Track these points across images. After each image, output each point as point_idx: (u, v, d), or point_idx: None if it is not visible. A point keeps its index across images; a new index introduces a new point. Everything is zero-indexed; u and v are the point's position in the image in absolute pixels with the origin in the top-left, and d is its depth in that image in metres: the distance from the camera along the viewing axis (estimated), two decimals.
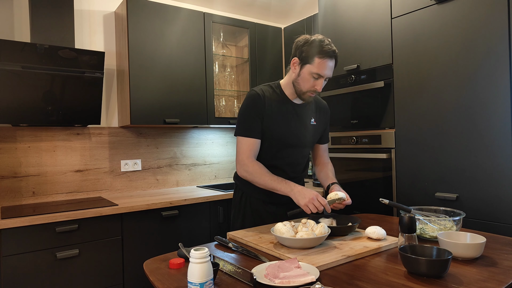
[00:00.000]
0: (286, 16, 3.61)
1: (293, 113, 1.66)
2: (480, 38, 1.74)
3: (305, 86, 1.57)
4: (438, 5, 1.91)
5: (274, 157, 1.66)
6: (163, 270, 1.13)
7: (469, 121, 1.78)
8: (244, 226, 1.69)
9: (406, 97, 2.06)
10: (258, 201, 1.71)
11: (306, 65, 1.53)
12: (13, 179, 2.43)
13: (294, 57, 1.59)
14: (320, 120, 1.78)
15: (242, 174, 1.61)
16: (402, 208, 1.40)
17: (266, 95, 1.63)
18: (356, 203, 2.36)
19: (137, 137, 2.93)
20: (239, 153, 1.61)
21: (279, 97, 1.65)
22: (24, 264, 1.94)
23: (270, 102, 1.62)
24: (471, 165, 1.79)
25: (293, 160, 1.70)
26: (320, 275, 1.05)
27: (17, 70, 2.15)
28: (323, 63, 1.51)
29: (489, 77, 1.71)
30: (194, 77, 2.86)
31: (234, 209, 1.79)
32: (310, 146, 1.77)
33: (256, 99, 1.61)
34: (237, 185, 1.79)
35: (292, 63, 1.60)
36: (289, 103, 1.66)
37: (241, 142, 1.62)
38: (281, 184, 1.51)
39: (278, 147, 1.65)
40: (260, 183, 1.56)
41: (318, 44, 1.51)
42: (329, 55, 1.50)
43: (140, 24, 2.60)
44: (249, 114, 1.61)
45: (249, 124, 1.60)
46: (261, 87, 1.67)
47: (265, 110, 1.60)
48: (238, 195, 1.77)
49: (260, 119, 1.60)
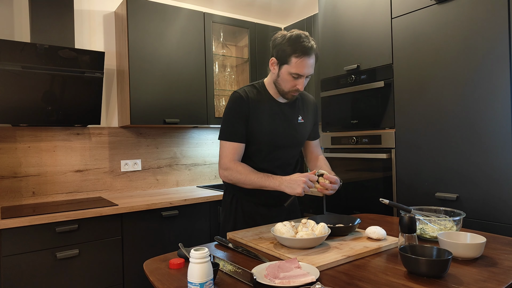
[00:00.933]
0: (286, 16, 3.61)
1: (279, 112, 1.61)
2: (480, 38, 1.74)
3: (286, 87, 1.53)
4: (438, 5, 1.91)
5: (264, 160, 1.61)
6: (163, 270, 1.13)
7: (469, 121, 1.78)
8: (236, 228, 1.64)
9: (406, 97, 2.06)
10: (249, 203, 1.67)
11: (284, 65, 1.48)
12: (13, 179, 2.43)
13: (272, 57, 1.53)
14: (308, 117, 1.72)
15: (226, 178, 1.56)
16: (402, 208, 1.40)
17: (250, 96, 1.57)
18: (356, 203, 2.36)
19: (137, 137, 2.93)
20: (222, 157, 1.56)
21: (264, 97, 1.60)
22: (24, 264, 1.94)
23: (255, 103, 1.56)
24: (471, 165, 1.79)
25: (283, 161, 1.66)
26: (320, 275, 1.05)
27: (17, 70, 2.15)
28: (301, 62, 1.44)
29: (489, 77, 1.71)
30: (194, 77, 2.86)
31: (225, 211, 1.72)
32: (300, 145, 1.72)
33: (239, 102, 1.55)
34: (227, 187, 1.73)
35: (270, 63, 1.55)
36: (274, 103, 1.61)
37: (224, 146, 1.56)
38: (269, 180, 1.46)
39: (267, 149, 1.60)
40: (246, 183, 1.51)
41: (294, 42, 1.44)
42: (305, 53, 1.44)
43: (140, 24, 2.60)
44: (232, 117, 1.55)
45: (233, 127, 1.55)
46: (245, 88, 1.61)
47: (250, 112, 1.55)
48: (229, 197, 1.71)
49: (244, 122, 1.55)
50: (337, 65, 2.46)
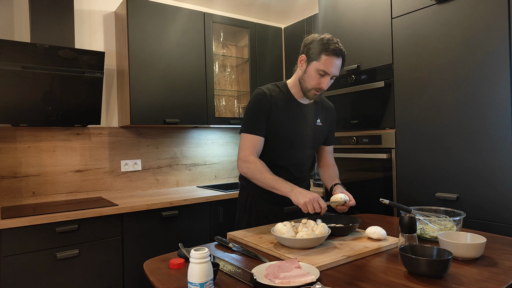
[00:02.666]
0: (286, 16, 3.61)
1: (299, 112, 1.66)
2: (480, 38, 1.74)
3: (310, 83, 1.58)
4: (438, 5, 1.91)
5: (279, 157, 1.65)
6: (163, 270, 1.13)
7: (469, 121, 1.78)
8: (249, 227, 1.67)
9: (406, 97, 2.06)
10: (264, 202, 1.70)
11: (313, 62, 1.55)
12: (13, 179, 2.43)
13: (302, 55, 1.60)
14: (326, 121, 1.78)
15: (242, 170, 1.60)
16: (402, 208, 1.40)
17: (272, 94, 1.63)
18: (356, 203, 2.35)
19: (137, 137, 2.93)
20: (242, 149, 1.61)
21: (286, 97, 1.66)
22: (24, 264, 1.94)
23: (276, 101, 1.63)
24: (471, 165, 1.79)
25: (298, 160, 1.70)
26: (320, 275, 1.05)
27: (17, 70, 2.15)
28: (330, 60, 1.51)
29: (489, 77, 1.71)
30: (194, 77, 2.86)
31: (240, 210, 1.77)
32: (315, 147, 1.77)
33: (262, 98, 1.61)
34: (243, 185, 1.77)
35: (299, 61, 1.61)
36: (295, 103, 1.67)
37: (244, 138, 1.62)
38: (282, 184, 1.50)
39: (283, 147, 1.65)
40: (260, 181, 1.55)
41: (326, 42, 1.52)
42: (335, 53, 1.51)
43: (140, 24, 2.60)
44: (254, 112, 1.61)
45: (254, 121, 1.60)
46: (268, 86, 1.68)
47: (271, 109, 1.61)
48: (244, 196, 1.75)
49: (266, 117, 1.60)
50: None
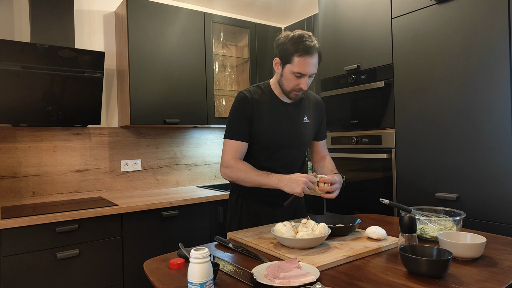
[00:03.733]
0: (286, 16, 3.61)
1: (284, 112, 1.63)
2: (480, 38, 1.74)
3: (289, 86, 1.54)
4: (438, 5, 1.91)
5: (268, 159, 1.63)
6: (163, 270, 1.13)
7: (469, 121, 1.78)
8: (241, 228, 1.66)
9: (406, 97, 2.06)
10: (255, 202, 1.68)
11: (287, 64, 1.50)
12: (13, 179, 2.43)
13: (275, 57, 1.56)
14: (314, 117, 1.73)
15: (226, 175, 1.57)
16: (402, 208, 1.40)
17: (254, 97, 1.59)
18: (356, 203, 2.36)
19: (137, 137, 2.93)
20: (223, 155, 1.58)
21: (269, 98, 1.62)
22: (24, 264, 1.94)
23: (259, 103, 1.59)
24: (471, 165, 1.79)
25: (288, 161, 1.67)
26: (320, 275, 1.05)
27: (17, 70, 2.15)
28: (303, 61, 1.46)
29: (489, 77, 1.71)
30: (194, 77, 2.86)
31: (231, 211, 1.74)
32: (305, 145, 1.72)
33: (244, 102, 1.58)
34: (233, 186, 1.74)
35: (274, 64, 1.57)
36: (279, 103, 1.63)
37: (226, 144, 1.59)
38: (268, 178, 1.46)
39: (271, 149, 1.62)
40: (245, 181, 1.52)
41: (296, 41, 1.46)
42: (307, 52, 1.45)
43: (140, 24, 2.60)
44: (236, 117, 1.58)
45: (236, 127, 1.57)
46: (250, 88, 1.64)
47: (254, 112, 1.57)
48: (234, 197, 1.73)
49: (249, 122, 1.57)
50: (337, 65, 2.46)
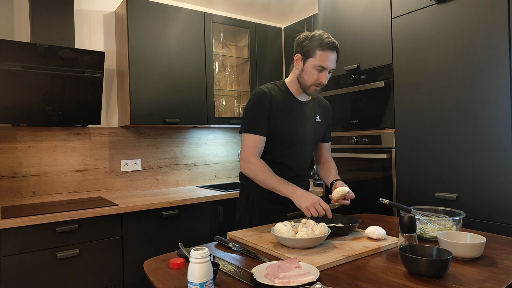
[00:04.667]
0: (286, 16, 3.61)
1: (298, 110, 1.68)
2: (480, 38, 1.74)
3: (309, 80, 1.60)
4: (438, 5, 1.91)
5: (282, 154, 1.66)
6: (163, 270, 1.13)
7: (469, 121, 1.78)
8: (252, 226, 1.68)
9: (406, 97, 2.06)
10: (266, 201, 1.70)
11: (309, 59, 1.57)
12: (13, 179, 2.43)
13: (296, 53, 1.62)
14: (324, 117, 1.80)
15: (245, 171, 1.61)
16: (402, 208, 1.40)
17: (272, 93, 1.64)
18: (356, 203, 2.36)
19: (137, 137, 2.93)
20: (244, 150, 1.62)
21: (285, 95, 1.67)
22: (24, 264, 1.94)
23: (276, 99, 1.64)
24: (471, 165, 1.79)
25: (300, 157, 1.71)
26: (320, 275, 1.05)
27: (17, 70, 2.15)
28: (325, 55, 1.54)
29: (489, 77, 1.71)
30: (194, 77, 2.86)
31: (241, 209, 1.77)
32: (316, 143, 1.78)
33: (262, 97, 1.62)
34: (244, 185, 1.77)
35: (295, 60, 1.63)
36: (294, 101, 1.68)
37: (246, 138, 1.62)
38: (284, 186, 1.51)
39: (286, 144, 1.66)
40: (262, 182, 1.56)
41: (318, 38, 1.56)
42: (329, 47, 1.54)
43: (140, 24, 2.60)
44: (255, 111, 1.62)
45: (255, 121, 1.61)
46: (267, 85, 1.69)
47: (272, 107, 1.62)
48: (245, 195, 1.75)
49: (266, 116, 1.61)
50: (337, 65, 2.45)
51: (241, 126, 1.65)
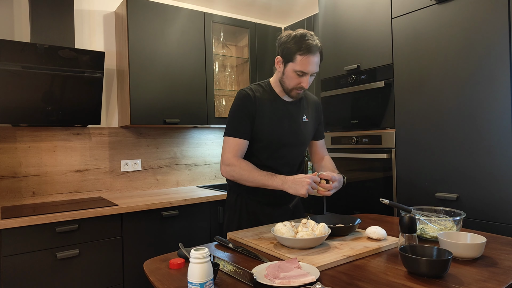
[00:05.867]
0: (286, 16, 3.61)
1: (284, 111, 1.63)
2: (480, 38, 1.74)
3: (290, 84, 1.55)
4: (438, 5, 1.91)
5: (269, 157, 1.63)
6: (163, 270, 1.13)
7: (470, 121, 1.78)
8: (241, 228, 1.65)
9: (407, 97, 2.06)
10: (254, 202, 1.67)
11: (289, 63, 1.51)
12: (13, 179, 2.43)
13: (277, 56, 1.57)
14: (312, 116, 1.74)
15: (228, 173, 1.55)
16: (402, 208, 1.40)
17: (256, 95, 1.60)
18: (356, 203, 2.36)
19: (137, 137, 2.93)
20: (224, 153, 1.57)
21: (270, 96, 1.63)
22: (24, 264, 1.94)
23: (261, 101, 1.59)
24: (471, 165, 1.79)
25: (288, 160, 1.67)
26: (320, 275, 1.05)
27: (17, 70, 2.15)
28: (305, 59, 1.47)
29: (489, 77, 1.71)
30: (194, 77, 2.86)
31: (229, 211, 1.73)
32: (305, 145, 1.73)
33: (246, 100, 1.58)
34: (231, 186, 1.73)
35: (276, 62, 1.58)
36: (280, 102, 1.64)
37: (227, 142, 1.58)
38: (272, 179, 1.46)
39: (273, 147, 1.62)
40: (248, 180, 1.51)
41: (299, 40, 1.47)
42: (309, 50, 1.46)
43: (140, 24, 2.60)
44: (238, 114, 1.58)
45: (238, 124, 1.57)
46: (251, 86, 1.64)
47: (256, 110, 1.57)
48: (233, 197, 1.72)
49: (250, 120, 1.57)
50: (337, 65, 2.46)
51: (225, 130, 1.61)
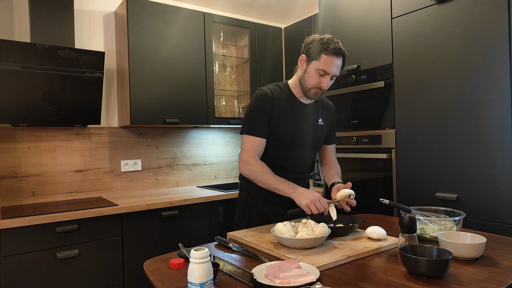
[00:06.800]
0: (286, 16, 3.61)
1: (301, 113, 1.67)
2: (480, 38, 1.74)
3: (310, 83, 1.58)
4: (438, 5, 1.91)
5: (282, 157, 1.66)
6: (163, 270, 1.13)
7: (470, 121, 1.78)
8: (250, 226, 1.68)
9: (406, 97, 2.06)
10: (264, 201, 1.70)
11: (313, 61, 1.55)
12: (13, 179, 2.43)
13: (302, 55, 1.61)
14: (327, 120, 1.79)
15: (244, 172, 1.61)
16: (402, 208, 1.40)
17: (274, 94, 1.63)
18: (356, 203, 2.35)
19: (137, 137, 2.93)
20: (243, 151, 1.62)
21: (287, 97, 1.66)
22: (24, 264, 1.94)
23: (278, 101, 1.63)
24: (471, 165, 1.79)
25: (300, 160, 1.70)
26: (320, 275, 1.05)
27: (17, 70, 2.15)
28: (329, 60, 1.52)
29: (489, 77, 1.71)
30: (194, 77, 2.86)
31: (239, 209, 1.78)
32: (317, 147, 1.77)
33: (264, 99, 1.61)
34: (243, 185, 1.77)
35: (300, 60, 1.62)
36: (297, 103, 1.67)
37: (246, 140, 1.62)
38: (284, 185, 1.51)
39: (286, 147, 1.65)
40: (262, 182, 1.56)
41: (326, 41, 1.53)
42: (335, 52, 1.52)
43: (140, 24, 2.60)
44: (256, 113, 1.61)
45: (256, 123, 1.60)
46: (270, 86, 1.67)
47: (273, 110, 1.61)
48: (244, 195, 1.76)
49: (268, 119, 1.60)
50: None
51: (242, 128, 1.65)
